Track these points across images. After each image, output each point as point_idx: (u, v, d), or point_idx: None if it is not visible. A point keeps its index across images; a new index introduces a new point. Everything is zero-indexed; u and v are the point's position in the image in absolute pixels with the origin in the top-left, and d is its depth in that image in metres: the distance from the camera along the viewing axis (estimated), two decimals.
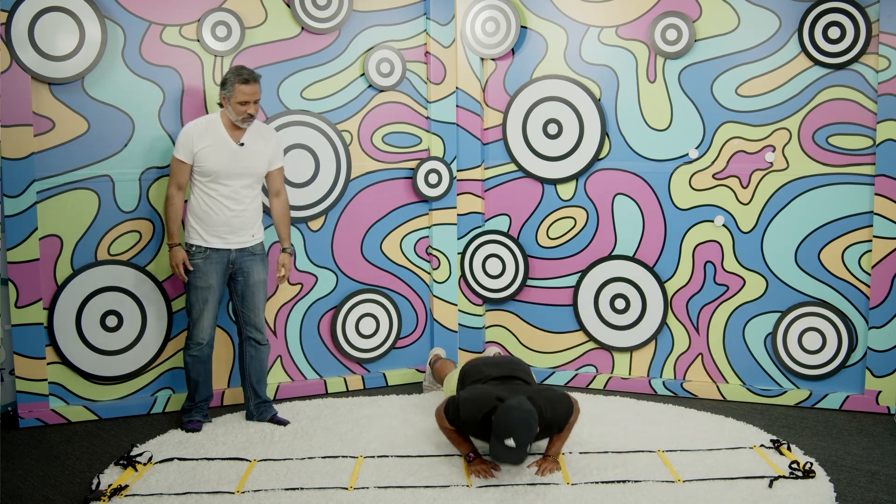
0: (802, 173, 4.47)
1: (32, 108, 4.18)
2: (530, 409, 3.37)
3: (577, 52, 4.81)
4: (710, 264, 4.67)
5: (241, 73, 3.97)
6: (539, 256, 5.01)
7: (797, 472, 3.50)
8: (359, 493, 3.35)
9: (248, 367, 4.27)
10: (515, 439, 3.30)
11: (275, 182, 4.27)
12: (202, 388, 4.21)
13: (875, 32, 4.26)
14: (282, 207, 4.30)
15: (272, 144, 4.19)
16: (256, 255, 4.19)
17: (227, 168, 4.02)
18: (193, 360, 4.16)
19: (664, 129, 4.69)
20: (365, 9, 4.78)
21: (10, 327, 4.26)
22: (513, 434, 3.30)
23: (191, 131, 4.03)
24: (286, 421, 4.22)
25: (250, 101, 3.98)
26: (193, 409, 4.21)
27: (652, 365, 4.84)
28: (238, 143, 4.05)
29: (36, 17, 4.13)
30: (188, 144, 4.01)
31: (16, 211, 4.19)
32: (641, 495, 3.31)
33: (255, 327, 4.23)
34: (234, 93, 3.96)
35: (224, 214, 4.05)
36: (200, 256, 4.07)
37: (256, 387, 4.28)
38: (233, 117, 4.01)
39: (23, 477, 3.62)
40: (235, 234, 4.09)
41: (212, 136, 4.02)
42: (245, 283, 4.17)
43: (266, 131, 4.21)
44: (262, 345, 4.27)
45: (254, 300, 4.20)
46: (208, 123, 4.06)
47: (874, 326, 4.38)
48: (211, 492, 3.38)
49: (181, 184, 4.08)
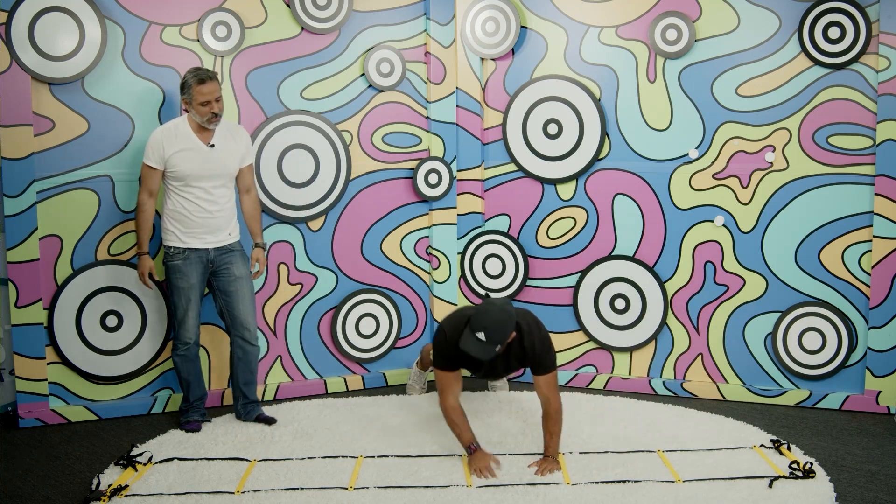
0: (802, 173, 4.47)
1: (32, 108, 4.18)
2: (510, 311, 3.46)
3: (577, 52, 4.81)
4: (710, 264, 4.67)
5: (197, 74, 3.95)
6: (539, 256, 5.01)
7: (797, 472, 3.50)
8: (359, 493, 3.35)
9: (237, 368, 4.25)
10: (486, 333, 3.35)
11: (245, 179, 4.24)
12: (195, 387, 4.20)
13: (875, 32, 4.26)
14: (253, 203, 4.29)
15: (243, 142, 4.18)
16: (235, 251, 4.17)
17: (200, 170, 4.01)
18: (182, 359, 4.15)
19: (664, 129, 4.69)
20: (365, 9, 4.78)
21: (10, 327, 4.26)
22: (485, 328, 3.36)
23: (160, 137, 4.00)
24: (273, 419, 4.21)
25: (211, 100, 3.95)
26: (190, 410, 4.21)
27: (652, 365, 4.84)
28: (208, 144, 4.03)
29: (36, 17, 4.13)
30: (158, 150, 3.99)
31: (16, 211, 4.19)
32: (641, 495, 3.31)
33: (242, 325, 4.20)
34: (193, 94, 3.93)
35: (200, 216, 4.03)
36: (180, 257, 4.05)
37: (245, 388, 4.26)
38: (198, 119, 3.98)
39: (23, 477, 3.62)
40: (212, 234, 4.08)
41: (181, 141, 4.00)
42: (227, 279, 4.15)
43: (235, 129, 4.19)
44: (251, 345, 4.23)
45: (237, 296, 4.17)
46: (176, 128, 4.04)
47: (874, 326, 4.38)
48: (211, 492, 3.38)
49: (153, 190, 4.06)
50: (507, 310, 3.49)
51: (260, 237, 4.31)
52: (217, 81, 3.99)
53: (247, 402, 4.28)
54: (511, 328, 3.47)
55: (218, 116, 4.01)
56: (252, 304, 4.23)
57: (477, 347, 3.42)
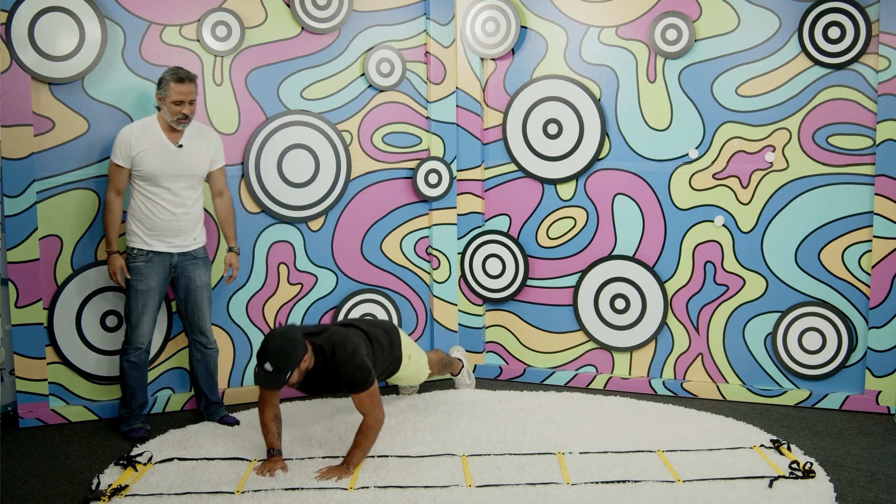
0: (802, 173, 4.47)
1: (32, 108, 4.18)
2: (294, 338, 3.53)
3: (577, 52, 4.81)
4: (710, 264, 4.68)
5: (176, 73, 3.93)
6: (539, 256, 5.01)
7: (797, 472, 3.50)
8: (359, 493, 3.35)
9: (196, 370, 4.25)
10: (271, 363, 3.46)
11: (217, 182, 4.22)
12: (138, 395, 4.15)
13: (875, 32, 4.26)
14: (225, 207, 4.27)
15: (213, 144, 4.15)
16: (199, 258, 4.14)
17: (167, 170, 3.97)
18: (131, 366, 4.09)
19: (664, 129, 4.69)
20: (365, 9, 4.78)
21: (10, 327, 4.26)
22: (268, 358, 3.47)
23: (127, 134, 3.97)
24: (236, 421, 4.20)
25: (185, 101, 3.92)
26: (132, 417, 4.15)
27: (652, 365, 4.84)
28: (177, 144, 4.00)
29: (36, 17, 4.13)
30: (125, 148, 3.95)
31: (16, 211, 4.19)
32: (641, 495, 3.31)
33: (200, 331, 4.20)
34: (168, 92, 3.90)
35: (166, 218, 3.99)
36: (142, 259, 4.02)
37: (206, 389, 4.26)
38: (168, 118, 3.95)
39: (23, 477, 3.62)
40: (178, 237, 4.04)
41: (149, 139, 3.97)
42: (188, 287, 4.13)
43: (206, 131, 4.16)
44: (208, 348, 4.23)
45: (197, 304, 4.15)
46: (145, 126, 4.01)
47: (874, 326, 4.38)
48: (211, 492, 3.38)
49: (120, 189, 4.03)
50: (291, 336, 3.53)
51: (233, 241, 4.30)
52: (195, 84, 3.96)
53: (209, 404, 4.27)
54: (297, 354, 3.50)
55: (188, 119, 3.97)
56: (210, 311, 4.22)
57: (266, 379, 3.50)
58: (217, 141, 4.20)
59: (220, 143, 4.24)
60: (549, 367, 5.04)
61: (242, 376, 4.70)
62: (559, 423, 4.16)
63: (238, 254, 4.32)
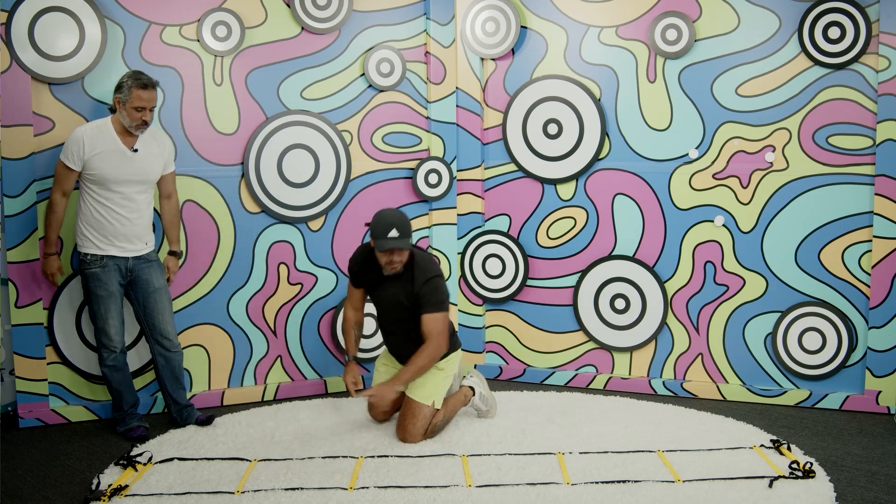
0: (802, 173, 4.47)
1: (32, 108, 4.18)
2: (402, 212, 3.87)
3: (577, 52, 4.81)
4: (710, 264, 4.68)
5: (139, 78, 3.87)
6: (539, 256, 5.01)
7: (797, 472, 3.50)
8: (359, 493, 3.35)
9: (162, 374, 4.18)
10: (396, 228, 3.74)
11: (167, 185, 4.18)
12: (127, 396, 4.13)
13: (875, 32, 4.26)
14: (172, 210, 4.24)
15: (167, 149, 4.12)
16: (152, 261, 4.11)
17: (121, 175, 3.92)
18: (111, 370, 4.06)
19: (664, 129, 4.69)
20: (365, 9, 4.78)
21: (10, 327, 4.26)
22: (392, 224, 3.75)
23: (80, 136, 3.90)
24: (211, 417, 4.18)
25: (147, 108, 3.89)
26: (127, 417, 4.13)
27: (652, 365, 4.84)
28: (131, 149, 3.95)
29: (36, 17, 4.13)
30: (78, 151, 3.89)
31: (16, 211, 4.19)
32: (641, 495, 3.31)
33: (162, 335, 4.14)
34: (130, 97, 3.85)
35: (117, 222, 3.95)
36: (97, 265, 3.97)
37: (174, 394, 4.20)
38: (126, 122, 3.90)
39: (23, 477, 3.62)
40: (130, 241, 4.00)
41: (103, 143, 3.91)
42: (146, 291, 4.08)
43: (160, 135, 4.12)
44: (171, 351, 4.17)
45: (156, 307, 4.11)
46: (99, 129, 3.94)
47: (874, 326, 4.38)
48: (211, 492, 3.38)
49: (66, 191, 3.98)
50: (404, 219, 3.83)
51: (177, 245, 4.28)
52: (156, 91, 3.93)
53: (180, 408, 4.21)
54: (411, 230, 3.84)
55: (147, 125, 3.93)
56: (171, 313, 4.17)
57: (394, 243, 3.76)
58: (170, 145, 4.17)
59: (173, 147, 4.21)
60: (549, 367, 5.04)
61: (242, 376, 4.70)
62: (559, 423, 4.16)
63: (179, 258, 4.30)
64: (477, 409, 4.22)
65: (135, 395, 4.20)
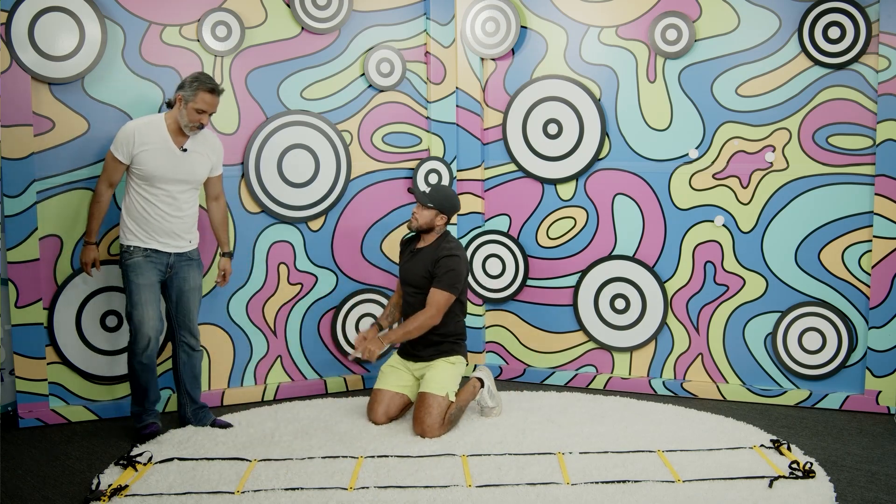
0: (802, 173, 4.47)
1: (32, 108, 4.18)
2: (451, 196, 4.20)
3: (577, 52, 4.81)
4: (710, 264, 4.68)
5: (209, 82, 3.89)
6: (539, 256, 5.01)
7: (797, 472, 3.50)
8: (359, 493, 3.35)
9: (182, 372, 4.18)
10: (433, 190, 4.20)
11: (214, 187, 4.20)
12: (151, 393, 4.11)
13: (875, 32, 4.27)
14: (221, 211, 4.25)
15: (216, 152, 4.12)
16: (193, 260, 4.12)
17: (168, 173, 3.93)
18: (143, 367, 4.02)
19: (664, 129, 4.69)
20: (365, 9, 4.78)
21: (10, 327, 4.26)
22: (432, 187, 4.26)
23: (132, 130, 3.90)
24: (229, 424, 4.16)
25: (207, 112, 3.90)
26: (144, 413, 4.12)
27: (652, 365, 4.84)
28: (181, 148, 3.96)
29: (36, 17, 4.13)
30: (128, 144, 3.89)
31: (16, 211, 4.19)
32: (641, 495, 3.31)
33: (189, 332, 4.15)
34: (195, 98, 3.86)
35: (162, 219, 3.96)
36: (140, 255, 3.97)
37: (192, 392, 4.20)
38: (183, 122, 3.91)
39: (23, 477, 3.61)
40: (173, 238, 4.01)
41: (154, 139, 3.92)
42: (181, 288, 4.09)
43: (211, 138, 4.13)
44: (195, 350, 4.18)
45: (188, 305, 4.12)
46: (151, 124, 3.95)
47: (874, 326, 4.38)
48: (211, 492, 3.38)
49: (113, 182, 3.99)
50: (450, 194, 4.19)
51: (227, 246, 4.29)
52: (219, 98, 3.95)
53: (196, 408, 4.20)
54: (446, 203, 4.15)
55: (202, 128, 3.95)
56: (197, 313, 4.18)
57: (419, 194, 4.18)
58: (220, 148, 4.18)
59: (222, 150, 4.23)
60: (549, 367, 5.04)
61: (242, 376, 4.70)
62: (559, 423, 4.16)
63: (231, 259, 4.32)
64: (484, 403, 4.24)
65: (158, 392, 4.19)
